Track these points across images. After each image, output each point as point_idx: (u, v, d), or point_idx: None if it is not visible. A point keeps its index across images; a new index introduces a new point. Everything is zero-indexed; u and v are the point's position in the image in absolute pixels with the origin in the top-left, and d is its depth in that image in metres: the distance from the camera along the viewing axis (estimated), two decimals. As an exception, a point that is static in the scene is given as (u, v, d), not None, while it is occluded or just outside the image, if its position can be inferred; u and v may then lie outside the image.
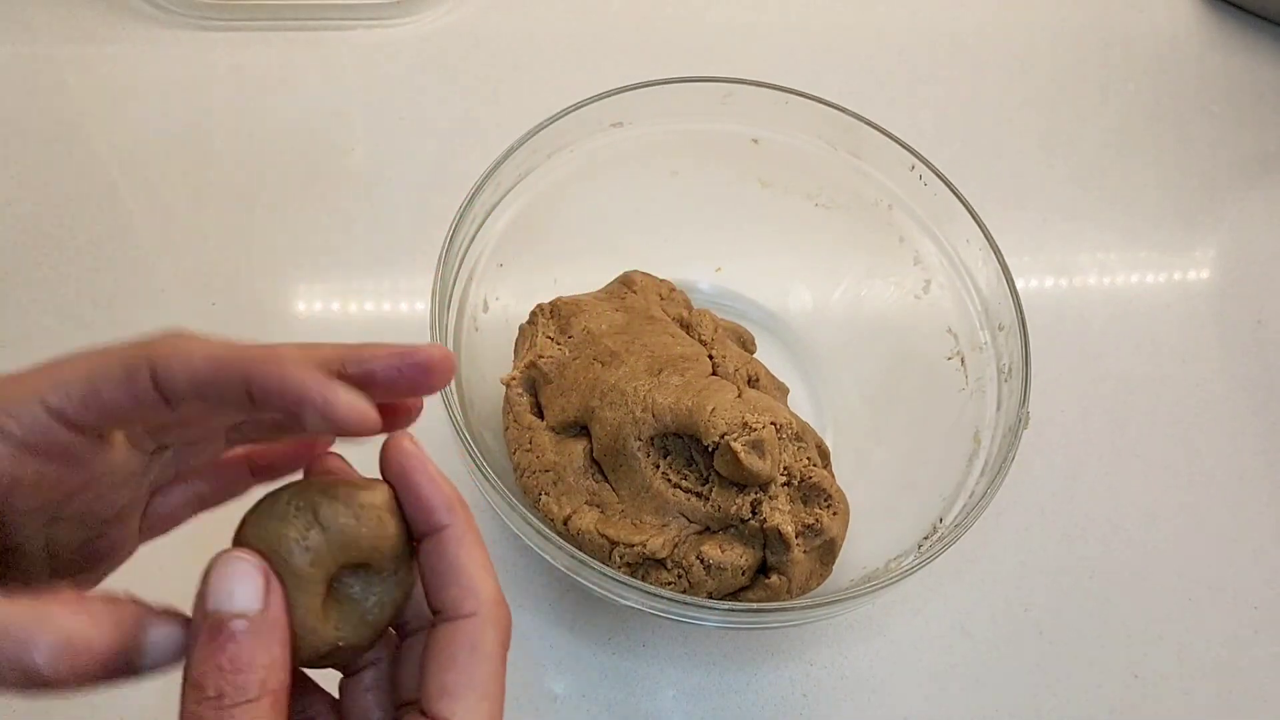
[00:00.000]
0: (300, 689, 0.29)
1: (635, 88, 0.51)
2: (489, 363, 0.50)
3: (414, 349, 0.27)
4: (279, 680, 0.24)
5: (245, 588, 0.24)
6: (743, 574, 0.44)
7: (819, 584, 0.46)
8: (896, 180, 0.53)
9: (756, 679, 0.49)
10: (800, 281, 0.58)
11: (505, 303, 0.52)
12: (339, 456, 0.30)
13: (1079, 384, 0.60)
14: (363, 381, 0.26)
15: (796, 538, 0.44)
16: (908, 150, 0.52)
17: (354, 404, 0.25)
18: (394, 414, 0.28)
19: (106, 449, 0.27)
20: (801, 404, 0.54)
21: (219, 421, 0.30)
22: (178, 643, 0.24)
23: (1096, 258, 0.65)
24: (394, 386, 0.27)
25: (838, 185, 0.55)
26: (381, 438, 0.27)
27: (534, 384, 0.49)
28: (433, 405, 0.32)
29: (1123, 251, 0.66)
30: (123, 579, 0.29)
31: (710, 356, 0.48)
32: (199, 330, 0.27)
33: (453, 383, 0.44)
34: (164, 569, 0.29)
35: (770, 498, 0.44)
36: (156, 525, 0.31)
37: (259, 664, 0.24)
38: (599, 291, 0.53)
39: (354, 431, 0.25)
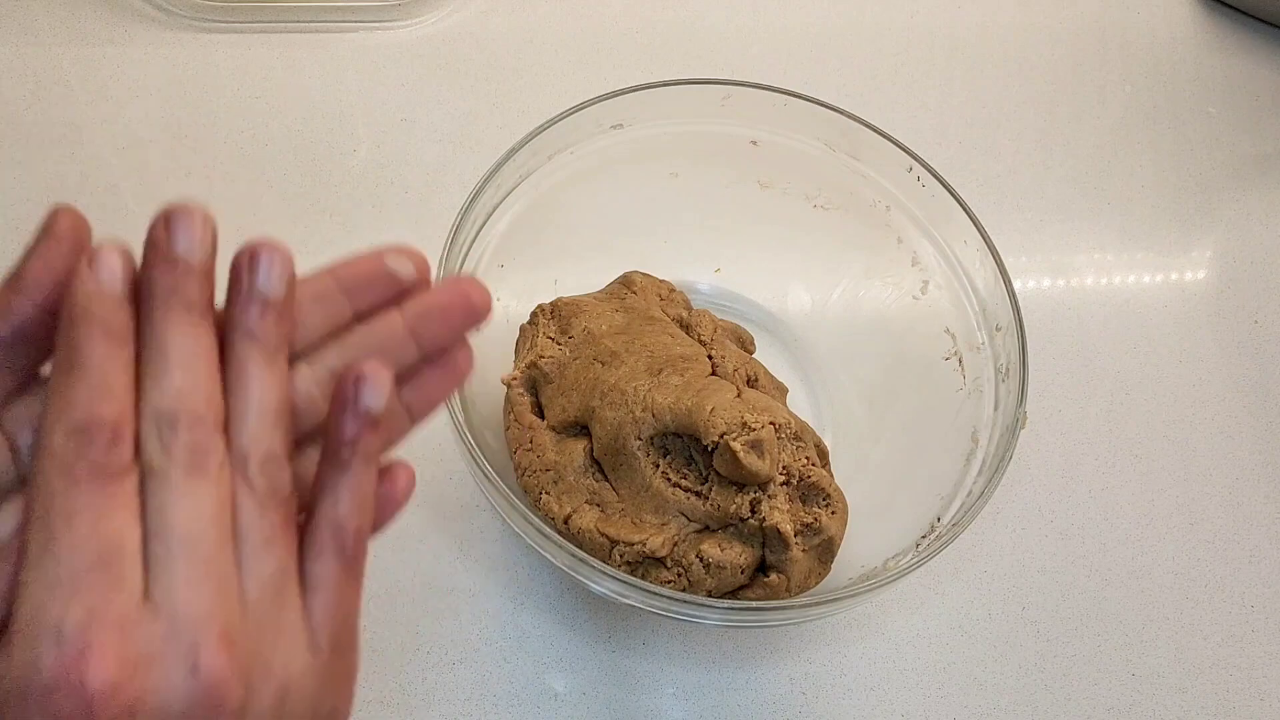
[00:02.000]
0: None
1: (635, 90, 0.52)
2: (490, 363, 0.50)
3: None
4: None
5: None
6: (742, 572, 0.44)
7: (817, 583, 0.46)
8: (894, 181, 0.53)
9: (755, 677, 0.49)
10: (799, 282, 0.59)
11: (506, 303, 0.52)
12: None
13: (1076, 384, 0.60)
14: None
15: (795, 536, 0.44)
16: (905, 152, 0.52)
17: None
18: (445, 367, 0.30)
19: None
20: (800, 404, 0.55)
21: None
22: None
23: (1094, 258, 0.65)
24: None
25: (836, 186, 0.55)
26: None
27: (534, 384, 0.49)
28: (435, 405, 0.32)
29: (1120, 252, 0.66)
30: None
31: (710, 356, 0.48)
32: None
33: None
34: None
35: (769, 497, 0.44)
36: None
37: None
38: (599, 292, 0.53)
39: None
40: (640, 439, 0.45)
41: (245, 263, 0.26)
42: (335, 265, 0.28)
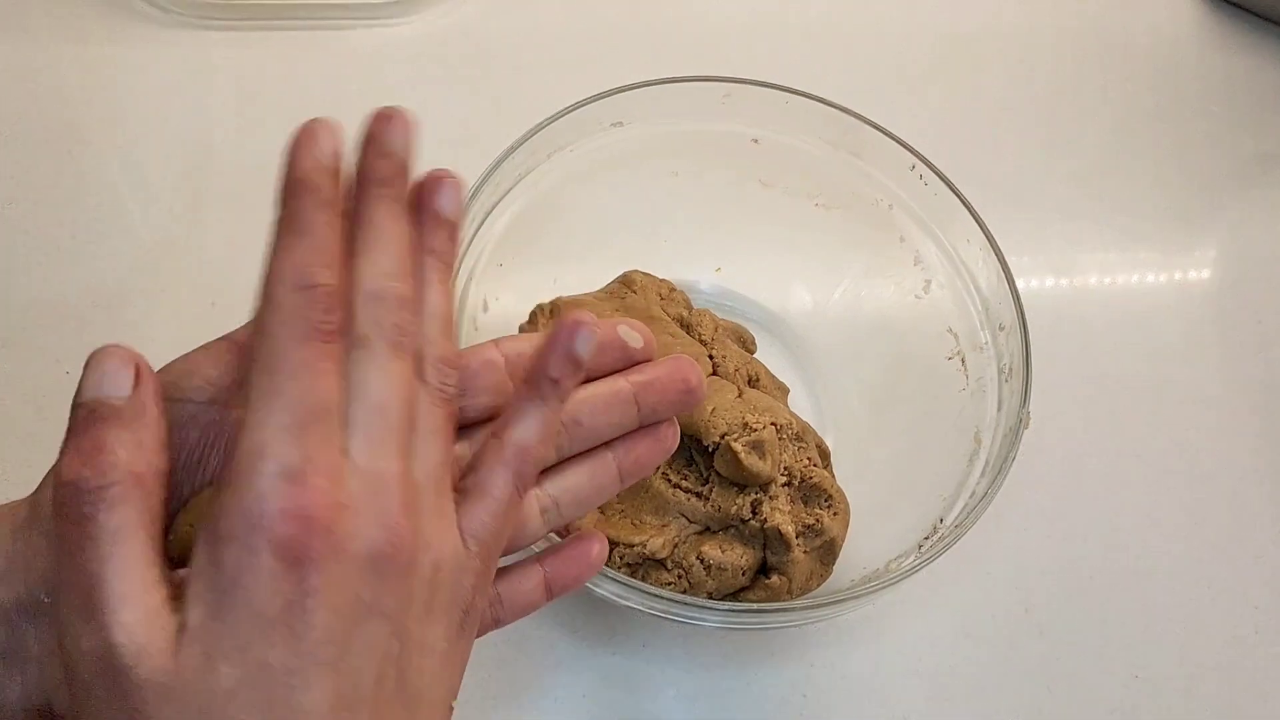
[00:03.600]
0: None
1: (635, 87, 0.51)
2: (489, 363, 0.50)
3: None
4: (146, 464, 0.25)
5: (116, 377, 0.25)
6: (743, 574, 0.44)
7: (819, 584, 0.46)
8: (897, 180, 0.53)
9: (757, 679, 0.49)
10: (800, 281, 0.59)
11: (505, 303, 0.52)
12: None
13: (1079, 384, 0.60)
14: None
15: (797, 538, 0.44)
16: (908, 150, 0.52)
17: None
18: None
19: None
20: (802, 404, 0.54)
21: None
22: None
23: (1097, 258, 0.65)
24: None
25: (838, 185, 0.55)
26: None
27: (534, 384, 0.49)
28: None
29: (1123, 251, 0.66)
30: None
31: (710, 356, 0.48)
32: (197, 331, 0.27)
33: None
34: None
35: (770, 498, 0.44)
36: (510, 607, 0.33)
37: (120, 446, 0.24)
38: (599, 291, 0.53)
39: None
40: (640, 439, 0.45)
41: (429, 187, 0.30)
42: None
